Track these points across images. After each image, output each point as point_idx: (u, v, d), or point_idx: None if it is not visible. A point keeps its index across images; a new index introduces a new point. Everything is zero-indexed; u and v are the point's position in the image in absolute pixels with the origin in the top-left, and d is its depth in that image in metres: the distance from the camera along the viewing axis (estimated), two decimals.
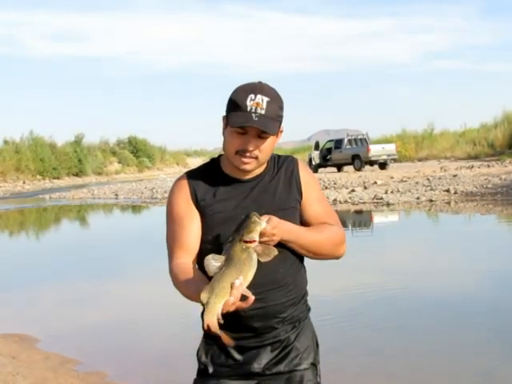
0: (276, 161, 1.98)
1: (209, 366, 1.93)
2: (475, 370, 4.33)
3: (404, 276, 7.61)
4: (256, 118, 1.78)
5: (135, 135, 64.50)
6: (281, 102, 1.86)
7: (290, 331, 1.93)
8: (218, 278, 1.60)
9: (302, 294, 1.98)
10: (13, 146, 44.41)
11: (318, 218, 1.95)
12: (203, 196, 1.90)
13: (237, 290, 1.58)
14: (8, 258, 11.22)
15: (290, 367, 1.91)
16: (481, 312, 5.78)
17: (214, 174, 1.94)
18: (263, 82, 1.88)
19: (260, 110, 1.79)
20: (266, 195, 1.91)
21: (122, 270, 9.13)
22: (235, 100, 1.82)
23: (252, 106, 1.79)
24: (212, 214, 1.88)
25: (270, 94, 1.83)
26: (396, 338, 5.16)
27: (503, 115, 35.26)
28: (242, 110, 1.79)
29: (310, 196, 1.96)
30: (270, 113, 1.81)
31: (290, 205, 1.92)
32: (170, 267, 1.86)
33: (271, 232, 1.71)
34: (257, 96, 1.80)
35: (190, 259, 1.86)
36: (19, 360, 5.02)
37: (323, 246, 1.91)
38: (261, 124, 1.78)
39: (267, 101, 1.80)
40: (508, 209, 13.79)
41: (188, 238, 1.87)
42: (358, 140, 31.00)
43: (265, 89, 1.84)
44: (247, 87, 1.84)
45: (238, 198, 1.89)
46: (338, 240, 1.94)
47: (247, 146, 1.82)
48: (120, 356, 5.13)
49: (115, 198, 25.36)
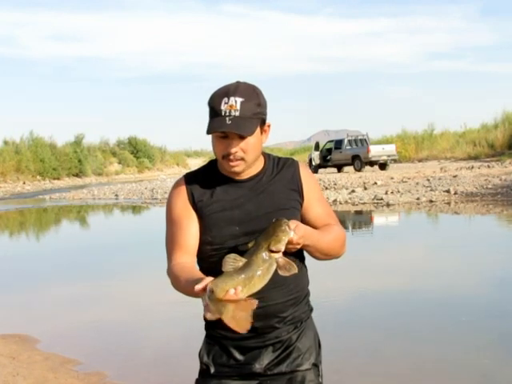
0: (276, 162, 1.99)
1: (210, 366, 1.93)
2: (475, 370, 4.33)
3: (404, 276, 7.61)
4: (229, 121, 1.78)
5: (135, 136, 64.52)
6: (258, 98, 1.85)
7: (292, 331, 1.93)
8: (222, 277, 1.57)
9: (304, 294, 1.98)
10: (13, 147, 44.40)
11: (320, 219, 1.96)
12: (200, 197, 1.91)
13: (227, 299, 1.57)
14: (8, 258, 11.22)
15: (291, 367, 1.91)
16: (481, 312, 5.78)
17: (211, 175, 1.95)
18: (241, 82, 1.87)
19: (234, 111, 1.79)
20: (264, 195, 1.91)
21: (122, 271, 9.13)
22: (211, 105, 1.84)
23: (226, 109, 1.79)
24: (209, 214, 1.88)
25: (244, 94, 1.82)
26: (396, 338, 5.16)
27: (503, 116, 35.31)
28: (218, 114, 1.80)
29: (311, 198, 1.97)
30: (245, 112, 1.80)
31: (290, 205, 1.92)
32: (169, 267, 1.87)
33: (297, 241, 1.72)
34: (230, 98, 1.80)
35: (189, 259, 1.86)
36: (19, 360, 5.02)
37: (334, 247, 1.93)
38: (234, 127, 1.78)
39: (241, 101, 1.80)
40: (508, 209, 13.79)
41: (186, 239, 1.88)
42: (358, 140, 31.01)
43: (239, 89, 1.83)
44: (222, 91, 1.84)
45: (235, 198, 1.90)
46: (343, 240, 1.97)
47: (229, 150, 1.83)
48: (120, 356, 5.13)
49: (115, 198, 25.35)
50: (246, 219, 1.86)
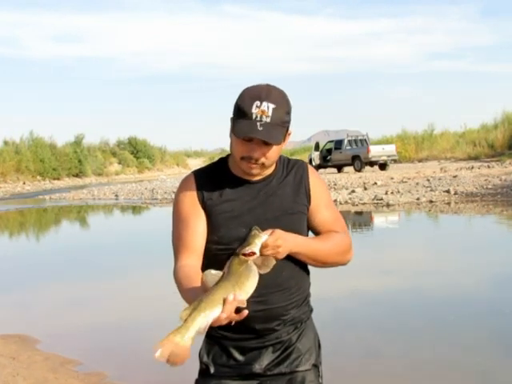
0: (286, 164, 1.96)
1: (210, 366, 1.93)
2: (475, 370, 4.33)
3: (403, 276, 7.61)
4: (261, 127, 1.75)
5: (135, 136, 64.49)
6: (287, 106, 1.82)
7: (292, 332, 1.92)
8: (209, 291, 1.57)
9: (305, 295, 1.97)
10: (13, 147, 44.38)
11: (325, 224, 1.94)
12: (209, 195, 1.88)
13: (230, 305, 1.55)
14: (8, 258, 11.22)
15: (291, 368, 1.91)
16: (481, 312, 5.78)
17: (221, 173, 1.92)
18: (271, 85, 1.83)
19: (265, 118, 1.75)
20: (273, 198, 1.89)
21: (122, 271, 9.13)
22: (241, 106, 1.79)
23: (257, 113, 1.75)
24: (218, 213, 1.86)
25: (276, 100, 1.78)
26: (396, 338, 5.16)
27: (503, 116, 35.33)
28: (247, 117, 1.76)
29: (318, 202, 1.94)
30: (276, 120, 1.77)
31: (297, 209, 1.90)
32: (175, 269, 1.85)
33: (275, 244, 1.69)
34: (262, 103, 1.76)
35: (195, 260, 1.84)
36: (19, 361, 5.02)
37: (330, 255, 1.90)
38: (265, 134, 1.75)
39: (273, 108, 1.76)
40: (508, 209, 13.79)
41: (193, 238, 1.85)
42: (358, 141, 31.02)
43: (272, 94, 1.79)
44: (254, 92, 1.79)
45: (245, 199, 1.88)
46: (344, 248, 1.94)
47: (252, 154, 1.80)
48: (120, 357, 5.13)
49: (115, 198, 25.34)
50: (255, 222, 1.83)
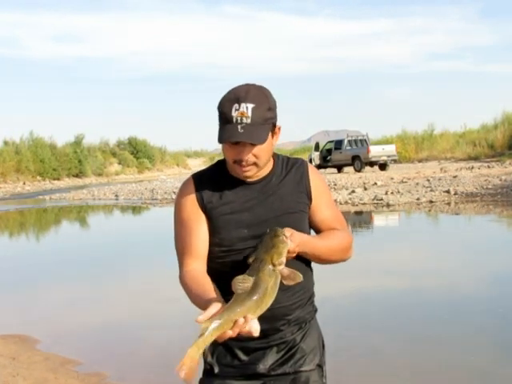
0: (285, 163, 1.96)
1: (214, 366, 1.92)
2: (475, 370, 4.33)
3: (404, 277, 7.61)
4: (241, 129, 1.75)
5: (135, 136, 64.48)
6: (268, 102, 1.82)
7: (296, 332, 1.92)
8: (234, 305, 1.55)
9: (309, 295, 1.97)
10: (13, 147, 44.38)
11: (326, 222, 1.95)
12: (209, 198, 1.88)
13: (238, 329, 1.56)
14: (8, 258, 11.21)
15: (295, 368, 1.91)
16: (481, 312, 5.78)
17: (220, 176, 1.92)
18: (250, 84, 1.84)
19: (246, 119, 1.75)
20: (273, 198, 1.89)
21: (122, 271, 9.13)
22: (222, 112, 1.80)
23: (237, 116, 1.76)
24: (218, 216, 1.87)
25: (254, 99, 1.78)
26: (396, 338, 5.16)
27: (503, 116, 35.36)
28: (229, 121, 1.77)
29: (319, 201, 1.95)
30: (257, 119, 1.77)
31: (298, 208, 1.90)
32: (181, 275, 1.85)
33: (294, 250, 1.71)
34: (241, 105, 1.76)
35: (201, 264, 1.85)
36: (19, 361, 5.02)
37: (333, 252, 1.91)
38: (246, 136, 1.75)
39: (252, 107, 1.76)
40: (508, 210, 13.79)
41: (196, 242, 1.86)
42: (358, 141, 31.03)
43: (250, 94, 1.79)
44: (232, 96, 1.80)
45: (244, 200, 1.88)
46: (346, 245, 1.95)
47: (242, 157, 1.80)
48: (120, 357, 5.13)
49: (115, 198, 25.34)
50: (255, 222, 1.85)
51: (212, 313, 1.56)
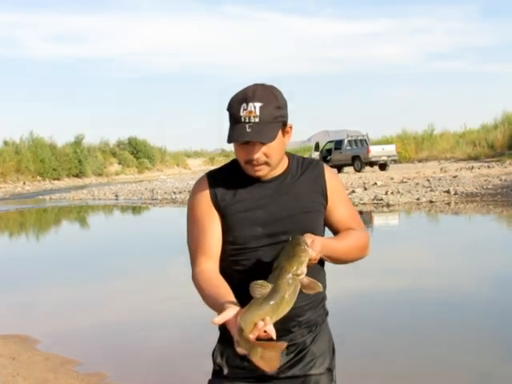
0: (300, 162, 1.96)
1: (224, 367, 1.91)
2: (475, 370, 4.33)
3: (404, 277, 7.61)
4: (249, 128, 1.75)
5: (135, 136, 64.45)
6: (277, 101, 1.82)
7: (307, 335, 1.91)
8: (251, 311, 1.55)
9: (321, 297, 1.97)
10: (13, 147, 44.37)
11: (342, 222, 1.93)
12: (223, 196, 1.87)
13: (258, 332, 1.55)
14: (8, 258, 11.22)
15: (304, 371, 1.89)
16: (481, 312, 5.78)
17: (234, 174, 1.91)
18: (258, 84, 1.84)
19: (253, 118, 1.76)
20: (288, 197, 1.88)
21: (122, 271, 9.13)
22: (231, 112, 1.81)
23: (245, 116, 1.76)
24: (232, 214, 1.85)
25: (262, 98, 1.78)
26: (396, 338, 5.16)
27: (503, 116, 35.39)
28: (237, 121, 1.77)
29: (335, 201, 1.93)
30: (265, 118, 1.77)
31: (314, 208, 1.89)
32: (193, 274, 1.84)
33: (315, 258, 1.70)
34: (249, 104, 1.77)
35: (214, 264, 1.84)
36: (19, 361, 5.02)
37: (351, 253, 1.90)
38: (254, 135, 1.75)
39: (260, 106, 1.77)
40: (508, 209, 13.80)
41: (210, 241, 1.85)
42: (358, 141, 31.03)
43: (257, 93, 1.79)
44: (240, 96, 1.81)
45: (258, 198, 1.87)
46: (362, 244, 1.94)
47: (251, 156, 1.80)
48: (120, 357, 5.13)
49: (115, 199, 25.35)
50: (270, 220, 1.84)
51: (229, 315, 1.56)
